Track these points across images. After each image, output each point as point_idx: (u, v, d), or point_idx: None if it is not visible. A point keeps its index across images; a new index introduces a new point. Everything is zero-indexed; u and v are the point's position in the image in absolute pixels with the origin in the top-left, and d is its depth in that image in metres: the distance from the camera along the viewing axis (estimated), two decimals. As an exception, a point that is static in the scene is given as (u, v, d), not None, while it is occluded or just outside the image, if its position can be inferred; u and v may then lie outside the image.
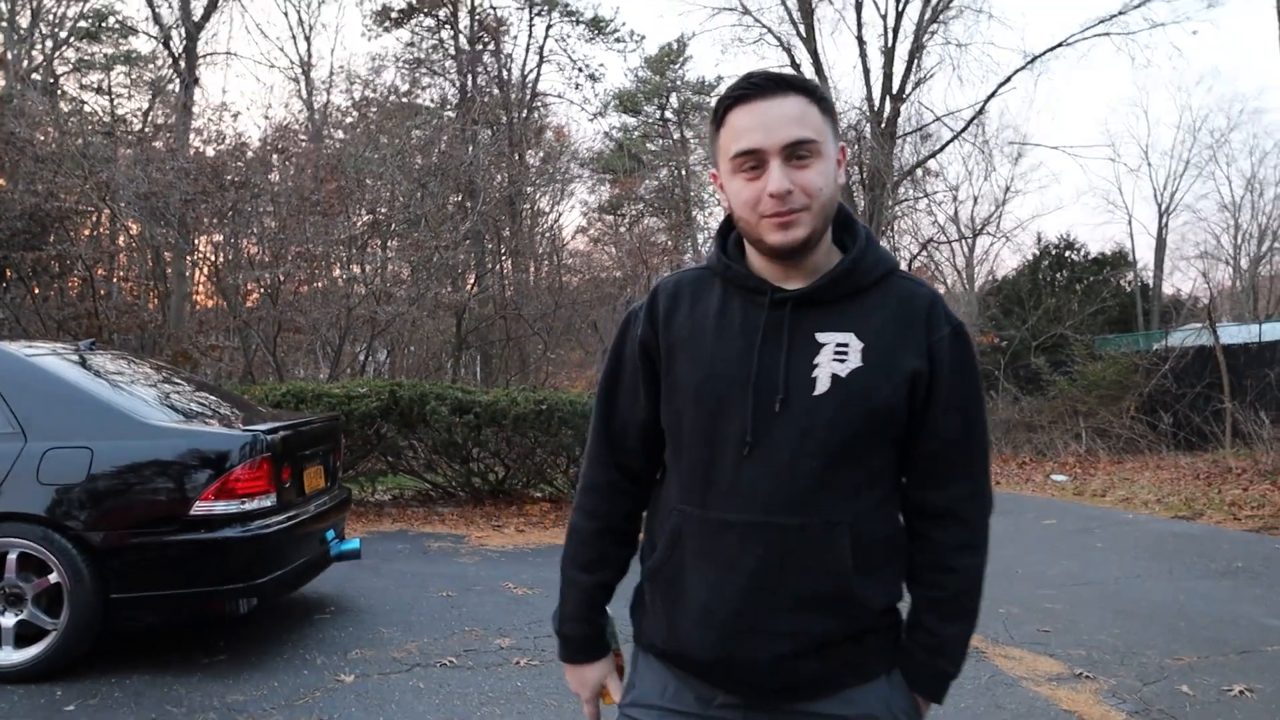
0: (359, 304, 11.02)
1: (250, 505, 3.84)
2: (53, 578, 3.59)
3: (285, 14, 36.23)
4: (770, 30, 16.18)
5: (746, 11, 16.17)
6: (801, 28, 15.60)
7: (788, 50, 16.14)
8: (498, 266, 16.86)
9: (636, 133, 24.72)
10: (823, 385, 1.24)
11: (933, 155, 15.95)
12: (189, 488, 3.72)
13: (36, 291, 11.68)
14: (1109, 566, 6.22)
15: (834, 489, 1.24)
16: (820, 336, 1.26)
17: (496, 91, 20.61)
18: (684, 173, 23.08)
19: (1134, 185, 45.61)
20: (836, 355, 1.25)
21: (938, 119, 15.77)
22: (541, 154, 22.49)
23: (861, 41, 15.43)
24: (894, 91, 15.20)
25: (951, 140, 15.90)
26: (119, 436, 3.76)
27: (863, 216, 15.06)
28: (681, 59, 23.53)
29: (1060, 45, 15.66)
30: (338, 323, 11.11)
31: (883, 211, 15.02)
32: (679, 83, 23.54)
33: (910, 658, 1.33)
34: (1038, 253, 18.77)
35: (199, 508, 3.71)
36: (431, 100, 21.06)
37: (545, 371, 14.57)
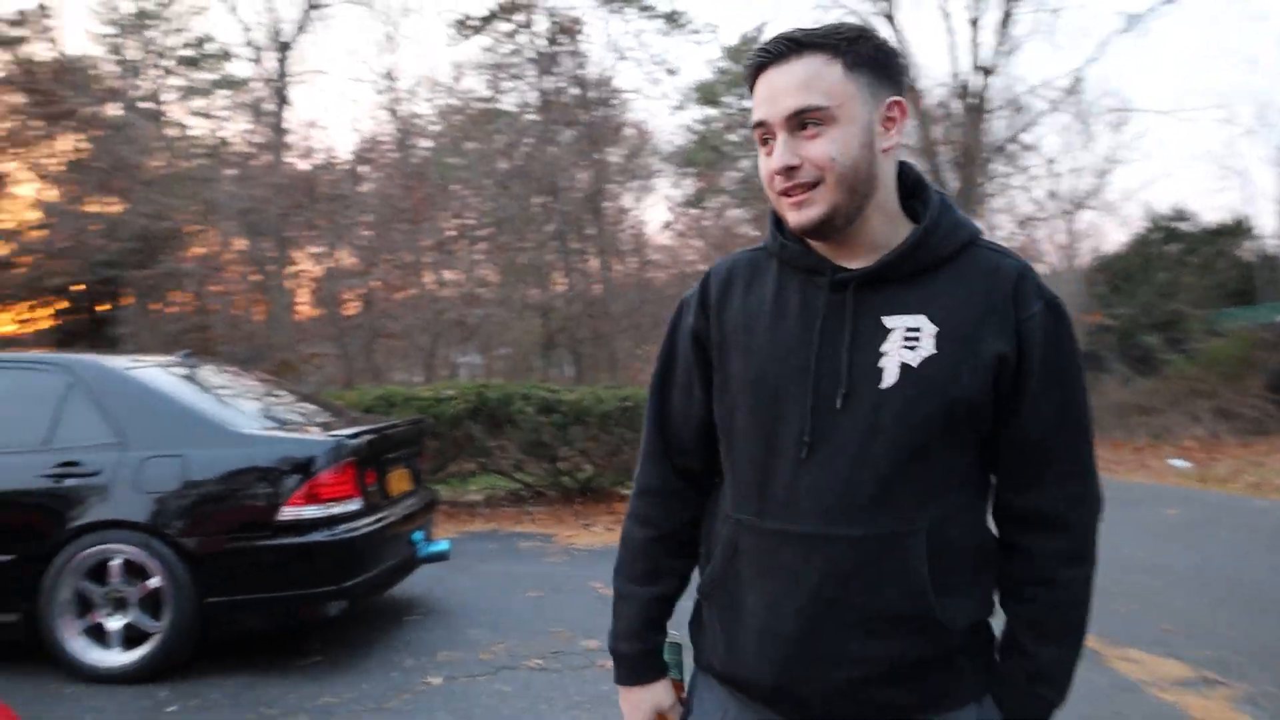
0: (448, 308, 11.24)
1: (336, 509, 3.89)
2: (154, 582, 3.71)
3: (370, 30, 37.32)
4: (849, 9, 15.72)
5: (826, -10, 15.73)
6: (883, 3, 15.10)
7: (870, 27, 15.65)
8: (583, 265, 16.95)
9: (717, 124, 24.46)
10: (890, 376, 1.10)
11: (1026, 128, 15.20)
12: (276, 493, 3.79)
13: (151, 307, 12.34)
14: (1239, 559, 5.76)
15: (906, 495, 1.10)
16: (888, 321, 1.12)
17: (576, 91, 20.71)
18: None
19: (1251, 148, 42.63)
20: (906, 341, 1.11)
21: (1031, 90, 15.03)
22: (623, 151, 22.56)
23: (946, 14, 14.88)
24: (983, 64, 14.57)
25: (1046, 111, 15.13)
26: (210, 445, 3.86)
27: (955, 197, 14.50)
28: (755, 45, 23.16)
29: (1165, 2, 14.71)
30: (429, 327, 11.35)
31: (975, 189, 14.40)
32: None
33: (1006, 684, 1.17)
34: (1147, 225, 17.77)
35: (286, 513, 3.77)
36: (513, 104, 21.33)
37: (635, 368, 14.56)
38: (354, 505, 3.98)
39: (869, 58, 1.11)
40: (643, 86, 34.67)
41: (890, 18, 15.03)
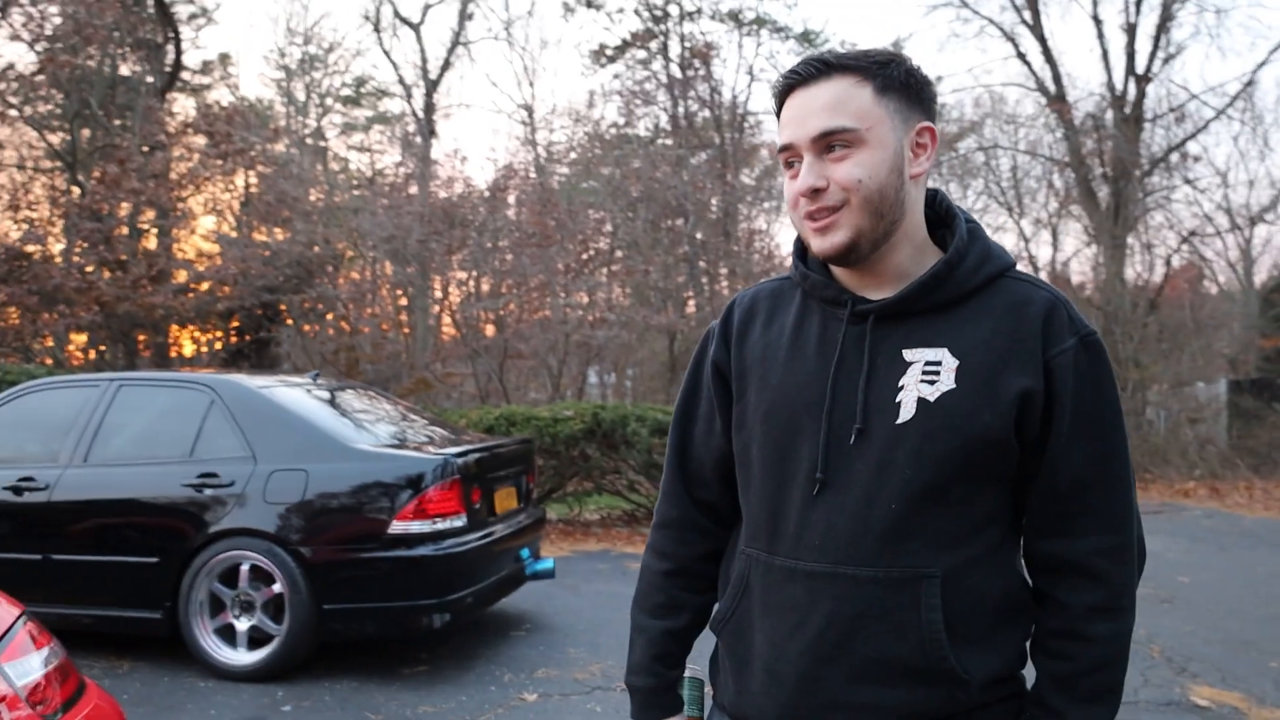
0: (575, 330, 11.51)
1: (442, 525, 4.06)
2: (276, 588, 3.98)
3: (511, 63, 39.04)
4: (991, 20, 15.12)
5: (964, 4, 15.23)
6: (1026, 13, 14.42)
7: (1011, 39, 14.97)
8: (714, 288, 16.98)
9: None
10: (907, 412, 1.06)
11: (1191, 137, 14.05)
12: (387, 508, 3.99)
13: (305, 329, 13.27)
14: None
15: (921, 537, 1.06)
16: (908, 354, 1.09)
17: (708, 114, 20.86)
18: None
19: None
20: (925, 376, 1.07)
21: (1194, 97, 13.94)
22: (756, 172, 22.50)
23: (1098, 20, 13.99)
24: (1139, 71, 13.63)
25: (1214, 119, 13.97)
26: (330, 460, 4.11)
27: (1106, 212, 13.61)
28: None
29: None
30: (555, 348, 11.66)
31: (1129, 205, 13.46)
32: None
33: None
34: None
35: (396, 527, 3.97)
36: (646, 129, 21.72)
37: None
38: (459, 521, 4.14)
39: (900, 82, 1.09)
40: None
41: (1035, 27, 14.36)
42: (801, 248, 1.20)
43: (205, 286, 11.66)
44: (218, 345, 12.93)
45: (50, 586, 4.20)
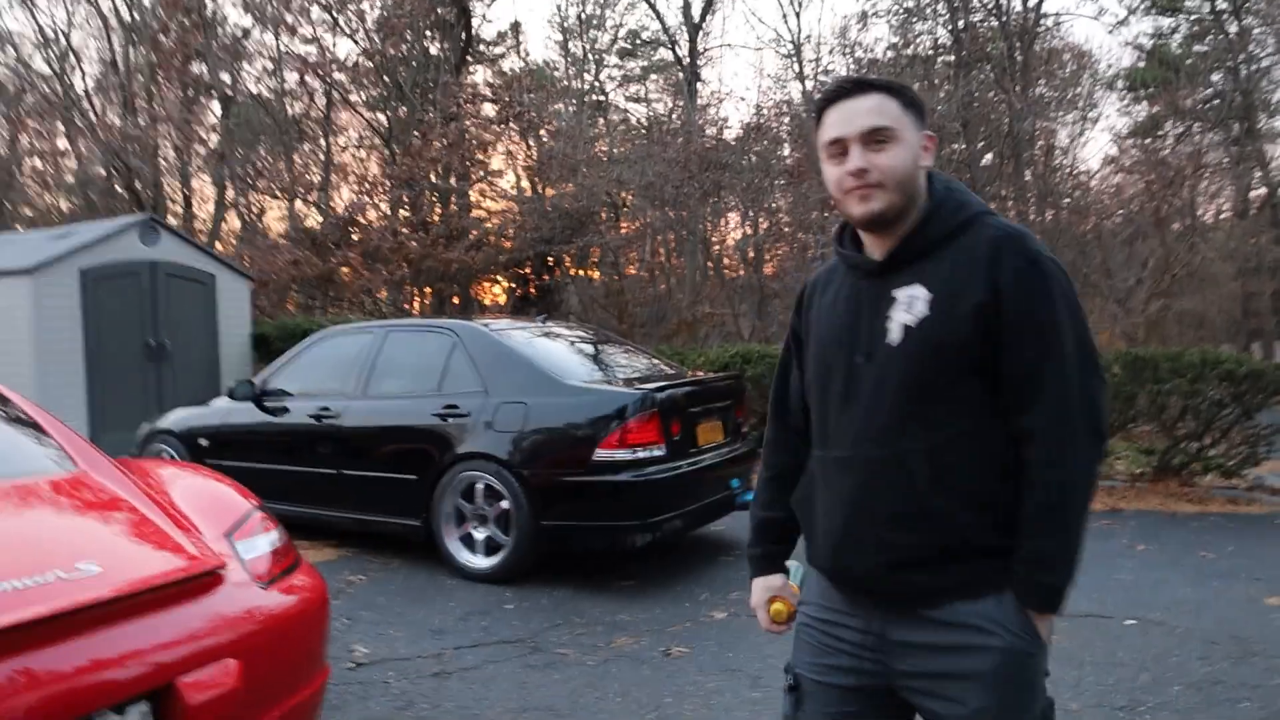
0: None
1: (642, 454, 4.41)
2: (504, 504, 4.58)
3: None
4: None
5: None
6: None
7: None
8: (1010, 213, 15.75)
9: (1177, 34, 20.74)
10: (895, 336, 1.44)
11: None
12: (593, 437, 4.42)
13: (583, 275, 14.36)
14: None
15: (912, 423, 1.42)
16: (895, 294, 1.46)
17: (995, 23, 19.04)
18: (1245, 73, 18.72)
19: None
20: (906, 307, 1.43)
21: None
22: (1055, 82, 20.22)
23: None
24: None
25: None
26: (545, 394, 4.61)
27: None
28: (1237, -69, 19.01)
29: None
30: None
31: None
32: (1234, -38, 19.07)
33: (1015, 575, 1.41)
34: None
35: (600, 454, 4.38)
36: (924, 49, 20.34)
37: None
38: (658, 451, 4.47)
39: (914, 102, 1.48)
40: (1076, 5, 30.59)
41: None
42: (840, 231, 1.59)
43: (491, 240, 12.99)
44: (502, 298, 14.38)
45: (343, 496, 5.16)
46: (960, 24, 19.05)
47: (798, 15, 33.22)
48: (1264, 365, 6.75)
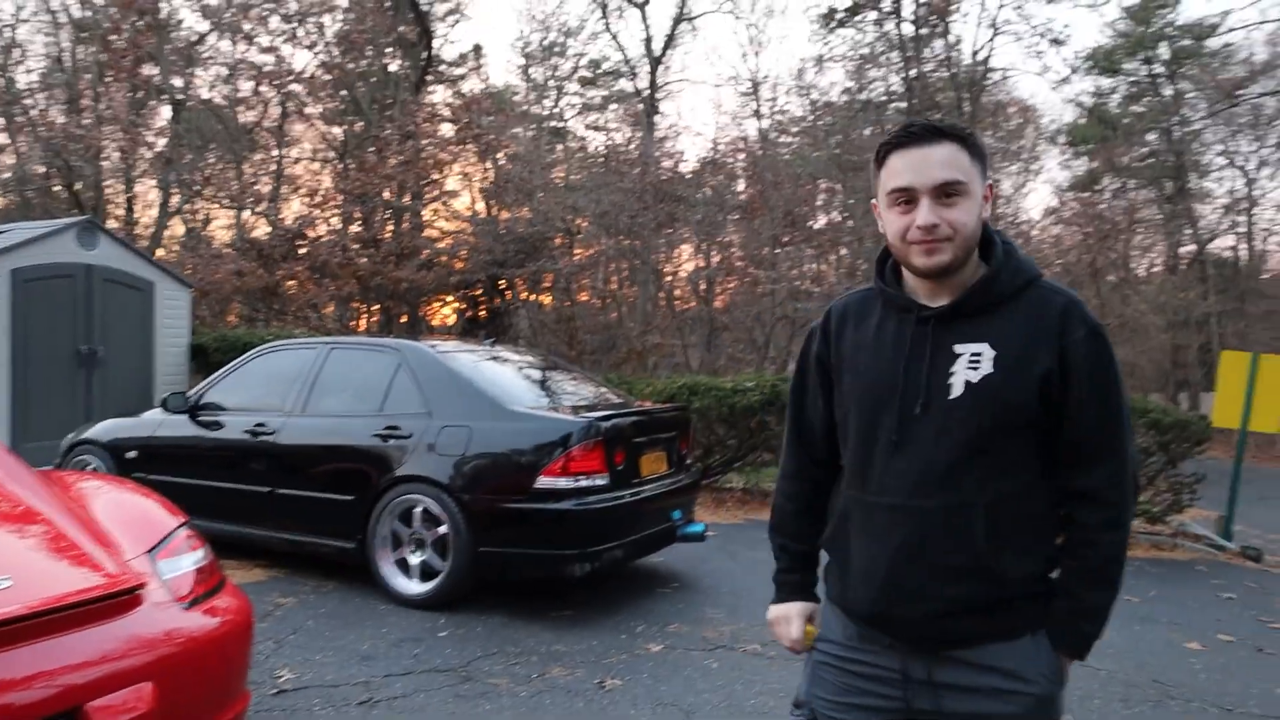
0: (780, 303, 11.52)
1: (584, 482, 4.39)
2: (442, 529, 4.51)
3: (736, 34, 38.80)
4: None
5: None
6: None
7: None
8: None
9: (1115, 94, 21.64)
10: (957, 391, 1.45)
11: None
12: (535, 464, 4.38)
13: (534, 299, 14.29)
14: None
15: (969, 476, 1.43)
16: (957, 348, 1.47)
17: (945, 75, 19.67)
18: (1177, 135, 19.58)
19: None
20: (970, 364, 1.45)
21: None
22: (1001, 134, 20.90)
23: None
24: None
25: None
26: (489, 418, 4.57)
27: None
28: (1173, 1, 19.98)
29: None
30: (759, 321, 11.74)
31: None
32: (1169, 29, 20.02)
33: (1055, 620, 1.47)
34: None
35: (542, 482, 4.35)
36: (880, 95, 20.87)
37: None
38: (601, 480, 4.44)
39: (981, 151, 1.47)
40: (1022, 62, 31.76)
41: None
42: (882, 266, 1.59)
43: (442, 261, 12.88)
44: (452, 319, 14.25)
45: (276, 515, 5.03)
46: (913, 73, 19.65)
47: (756, 55, 34.18)
48: (1189, 416, 7.00)
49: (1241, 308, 17.61)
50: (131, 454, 5.59)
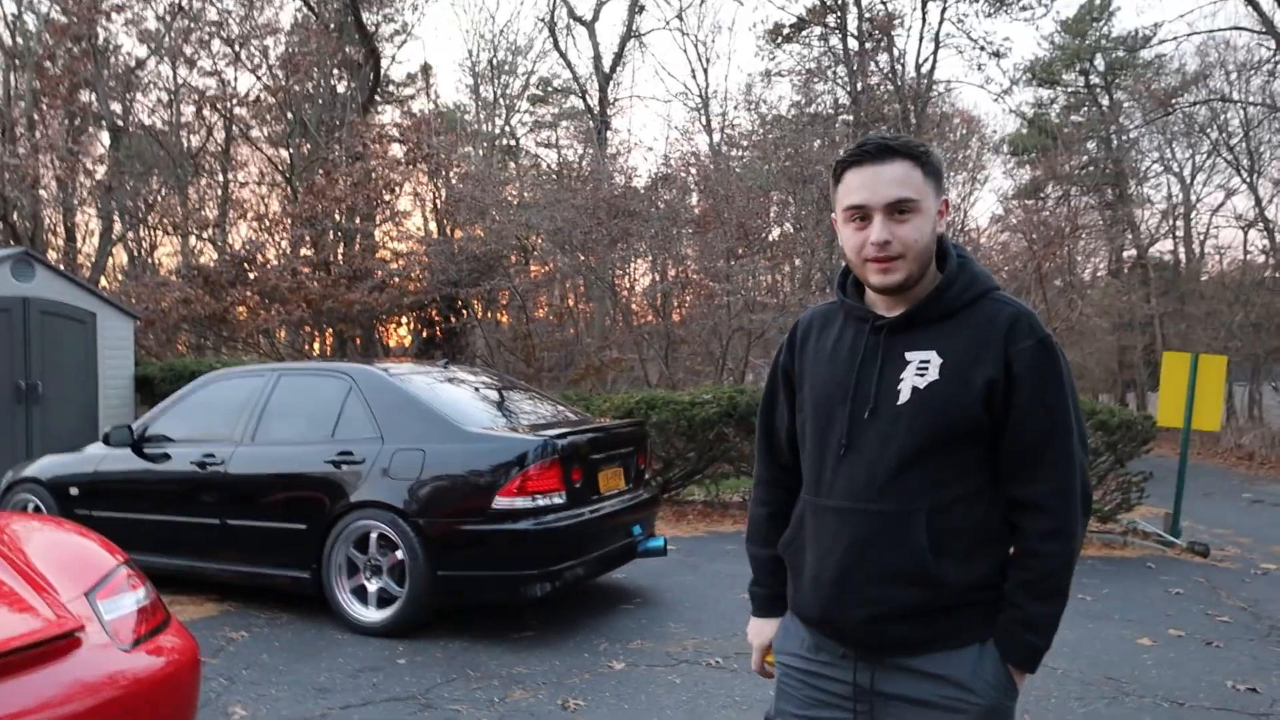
0: (736, 315, 11.59)
1: (542, 501, 4.35)
2: (399, 555, 4.44)
3: (684, 50, 39.21)
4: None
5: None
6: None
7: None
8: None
9: (1055, 105, 22.24)
10: (904, 396, 1.47)
11: None
12: (492, 485, 4.33)
13: (490, 318, 14.22)
14: None
15: (912, 482, 1.45)
16: (908, 355, 1.49)
17: (890, 88, 20.07)
18: (1115, 143, 20.17)
19: None
20: (919, 370, 1.47)
21: None
22: (947, 144, 21.37)
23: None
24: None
25: None
26: (443, 441, 4.51)
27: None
28: (1106, 14, 20.65)
29: None
30: (716, 333, 11.80)
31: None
32: (1103, 41, 20.67)
33: (1002, 631, 1.47)
34: None
35: (499, 502, 4.30)
36: (827, 108, 21.22)
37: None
38: (559, 499, 4.42)
39: (935, 168, 1.49)
40: (965, 74, 32.55)
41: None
42: (843, 280, 1.61)
43: (395, 282, 12.76)
44: (407, 340, 14.11)
45: (227, 547, 4.91)
46: (859, 86, 20.01)
47: (705, 71, 34.55)
48: (1135, 416, 7.17)
49: (1182, 309, 18.11)
50: (74, 490, 5.42)
